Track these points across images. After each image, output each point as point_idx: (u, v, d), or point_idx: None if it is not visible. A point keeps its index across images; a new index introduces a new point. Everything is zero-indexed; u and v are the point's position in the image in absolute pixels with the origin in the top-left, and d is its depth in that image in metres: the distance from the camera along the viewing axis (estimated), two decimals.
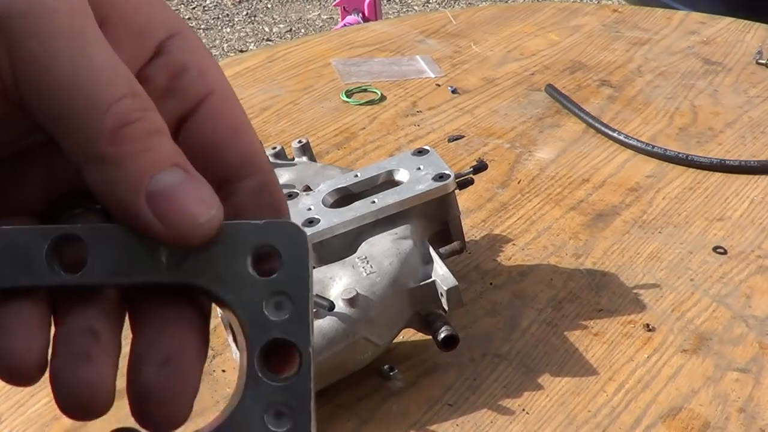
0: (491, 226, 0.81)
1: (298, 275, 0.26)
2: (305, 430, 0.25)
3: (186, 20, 3.45)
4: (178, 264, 0.25)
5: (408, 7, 3.54)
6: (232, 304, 0.26)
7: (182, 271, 0.25)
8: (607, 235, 0.79)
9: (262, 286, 0.26)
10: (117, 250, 0.25)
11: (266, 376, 0.25)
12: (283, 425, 0.25)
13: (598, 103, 1.04)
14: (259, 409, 0.25)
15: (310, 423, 0.25)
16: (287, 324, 0.26)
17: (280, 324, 0.26)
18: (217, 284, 0.26)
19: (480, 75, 1.12)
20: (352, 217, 0.65)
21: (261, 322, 0.26)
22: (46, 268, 0.25)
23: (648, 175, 0.89)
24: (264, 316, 0.26)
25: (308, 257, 0.26)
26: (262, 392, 0.25)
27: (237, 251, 0.26)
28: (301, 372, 0.25)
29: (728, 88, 1.08)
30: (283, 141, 0.95)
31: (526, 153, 0.94)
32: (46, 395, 0.63)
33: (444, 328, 0.60)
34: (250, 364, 0.25)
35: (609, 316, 0.69)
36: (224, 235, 0.25)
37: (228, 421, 0.25)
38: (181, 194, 0.24)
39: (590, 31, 1.25)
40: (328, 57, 1.17)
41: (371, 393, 0.62)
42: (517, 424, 0.60)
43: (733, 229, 0.80)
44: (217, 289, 0.26)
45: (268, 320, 0.26)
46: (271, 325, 0.26)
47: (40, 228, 0.25)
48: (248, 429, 0.25)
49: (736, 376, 0.64)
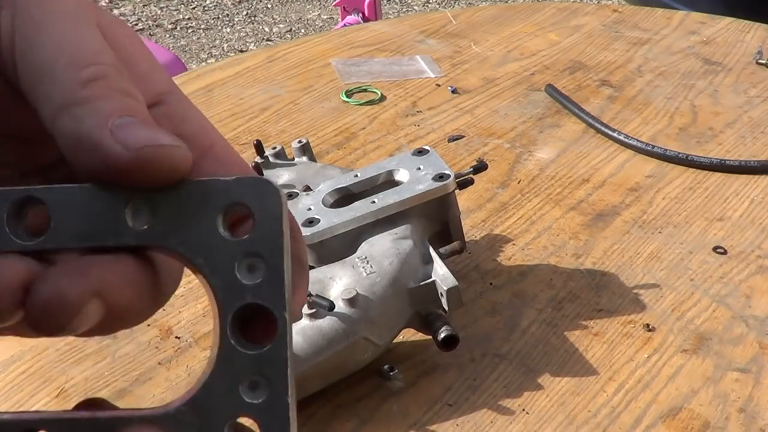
0: (491, 226, 0.81)
1: (271, 234, 0.24)
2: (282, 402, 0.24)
3: (186, 20, 3.45)
4: (144, 226, 0.24)
5: (408, 7, 3.54)
6: (202, 267, 0.24)
7: (148, 233, 0.24)
8: (607, 235, 0.79)
9: (234, 247, 0.24)
10: (81, 211, 0.24)
11: (240, 344, 0.24)
12: (259, 396, 0.24)
13: (598, 103, 1.04)
14: (233, 379, 0.24)
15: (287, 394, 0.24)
16: (261, 287, 0.24)
17: (252, 288, 0.24)
18: (185, 246, 0.24)
19: (480, 75, 1.12)
20: (352, 217, 0.65)
21: (232, 286, 0.24)
22: (6, 232, 0.23)
23: (648, 175, 0.89)
24: (236, 280, 0.24)
25: (283, 215, 0.24)
26: (235, 362, 0.24)
27: (206, 210, 0.24)
28: (277, 339, 0.24)
29: (728, 88, 1.08)
30: (283, 141, 0.95)
31: (526, 153, 0.94)
32: (45, 395, 0.63)
33: (444, 328, 0.60)
34: (223, 331, 0.24)
35: (609, 316, 0.69)
36: (194, 193, 0.24)
37: (200, 392, 0.24)
38: (144, 127, 0.24)
39: (590, 31, 1.25)
40: (328, 57, 1.17)
41: (371, 393, 0.62)
42: (517, 424, 0.60)
43: (733, 229, 0.80)
44: (184, 250, 0.24)
45: (241, 284, 0.24)
46: (243, 288, 0.24)
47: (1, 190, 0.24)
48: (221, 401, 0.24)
49: (736, 376, 0.64)
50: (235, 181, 0.24)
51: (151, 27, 3.38)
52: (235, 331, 0.24)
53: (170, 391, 0.63)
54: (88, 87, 0.24)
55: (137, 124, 0.24)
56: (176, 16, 3.49)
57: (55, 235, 0.24)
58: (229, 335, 0.24)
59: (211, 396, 0.24)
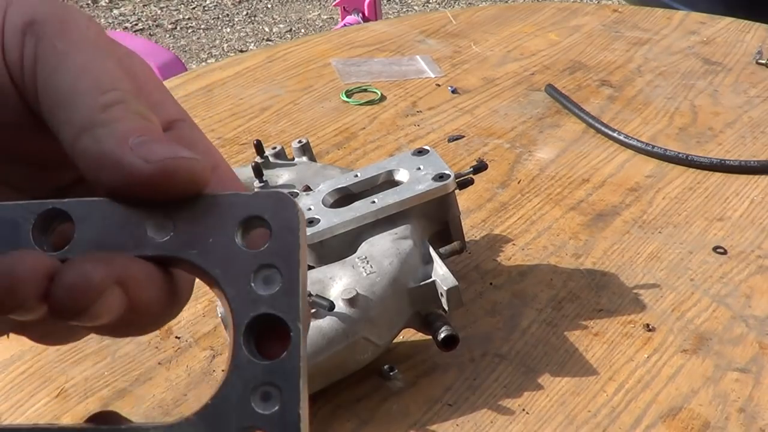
0: (491, 226, 0.81)
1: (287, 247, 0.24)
2: (293, 412, 0.24)
3: (186, 20, 3.45)
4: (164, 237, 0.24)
5: (408, 7, 3.54)
6: (218, 277, 0.24)
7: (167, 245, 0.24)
8: (607, 235, 0.79)
9: (251, 258, 0.24)
10: (103, 224, 0.24)
11: (253, 355, 0.24)
12: (270, 407, 0.24)
13: (598, 103, 1.04)
14: (246, 390, 0.24)
15: (299, 405, 0.24)
16: (275, 298, 0.24)
17: (267, 299, 0.24)
18: (202, 257, 0.24)
19: (480, 75, 1.12)
20: (352, 217, 0.65)
21: (248, 297, 0.24)
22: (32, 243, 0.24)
23: (648, 175, 0.89)
24: (251, 291, 0.24)
25: (299, 228, 0.24)
26: (248, 373, 0.24)
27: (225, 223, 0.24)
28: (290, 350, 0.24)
29: (728, 88, 1.08)
30: (283, 141, 0.95)
31: (526, 153, 0.94)
32: (45, 395, 0.63)
33: (444, 328, 0.60)
34: (236, 342, 0.24)
35: (609, 316, 0.69)
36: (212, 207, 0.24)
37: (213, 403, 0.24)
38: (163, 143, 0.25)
39: (590, 31, 1.25)
40: (328, 57, 1.17)
41: (371, 393, 0.62)
42: (517, 424, 0.60)
43: (733, 229, 0.80)
44: (203, 262, 0.24)
45: (256, 295, 0.24)
46: (258, 299, 0.24)
47: (26, 203, 0.25)
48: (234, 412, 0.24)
49: (736, 376, 0.64)
50: (254, 195, 0.25)
51: (151, 27, 3.38)
52: (249, 341, 0.24)
53: (170, 391, 0.63)
54: (108, 111, 0.25)
55: (155, 141, 0.25)
56: (176, 16, 3.49)
57: (77, 246, 0.24)
58: (242, 345, 0.24)
59: (224, 407, 0.24)
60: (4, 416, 0.62)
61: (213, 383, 0.64)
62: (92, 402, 0.62)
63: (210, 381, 0.64)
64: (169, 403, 0.62)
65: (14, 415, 0.62)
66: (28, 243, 0.24)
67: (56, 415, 0.61)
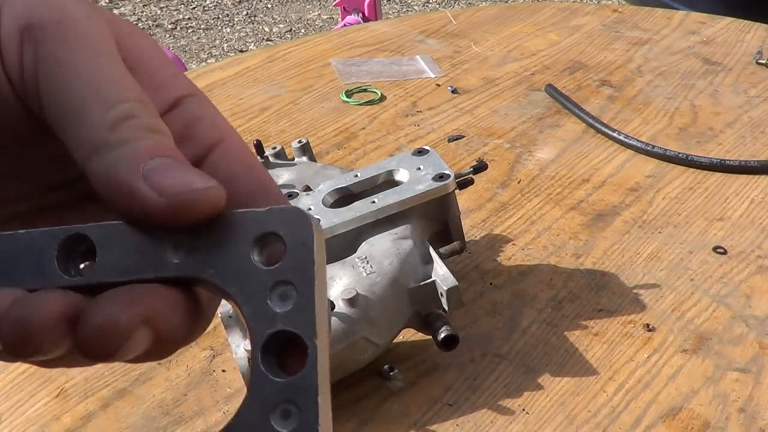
0: (491, 226, 0.81)
1: (302, 262, 0.24)
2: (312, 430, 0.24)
3: (186, 20, 3.45)
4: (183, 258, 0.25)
5: (408, 7, 3.54)
6: (236, 296, 0.24)
7: (185, 266, 0.25)
8: (607, 235, 0.79)
9: (266, 275, 0.24)
10: (124, 247, 0.25)
11: (271, 372, 0.24)
12: (289, 425, 0.23)
13: (598, 103, 1.04)
14: (265, 408, 0.24)
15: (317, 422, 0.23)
16: (291, 315, 0.24)
17: (283, 316, 0.24)
18: (219, 276, 0.24)
19: (480, 75, 1.12)
20: (352, 217, 0.65)
21: (264, 314, 0.24)
22: (56, 269, 0.25)
23: (648, 175, 0.89)
24: (267, 308, 0.24)
25: (314, 243, 0.24)
26: (267, 390, 0.24)
27: (240, 241, 0.24)
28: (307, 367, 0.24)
29: (728, 88, 1.08)
30: (283, 141, 0.95)
31: (526, 153, 0.94)
32: (45, 395, 0.63)
33: (444, 328, 0.60)
34: (254, 359, 0.24)
35: (609, 316, 0.69)
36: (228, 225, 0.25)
37: (234, 422, 0.24)
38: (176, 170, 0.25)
39: (590, 31, 1.25)
40: (328, 57, 1.17)
41: (371, 393, 0.62)
42: (517, 424, 0.60)
43: (733, 229, 0.80)
44: (220, 281, 0.24)
45: (272, 312, 0.24)
46: (274, 316, 0.24)
47: (48, 230, 0.25)
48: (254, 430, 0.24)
49: (736, 376, 0.64)
50: (268, 211, 0.25)
51: (151, 27, 3.38)
52: (267, 358, 0.24)
53: (170, 391, 0.63)
54: (117, 129, 0.25)
55: (169, 166, 0.24)
56: (176, 16, 3.49)
57: (100, 270, 0.25)
58: (260, 363, 0.24)
59: (244, 425, 0.24)
60: (4, 416, 0.62)
61: (213, 383, 0.64)
62: (92, 402, 0.62)
63: (210, 381, 0.64)
64: (169, 403, 0.62)
65: (14, 415, 0.62)
66: (53, 270, 0.25)
67: (56, 415, 0.61)
